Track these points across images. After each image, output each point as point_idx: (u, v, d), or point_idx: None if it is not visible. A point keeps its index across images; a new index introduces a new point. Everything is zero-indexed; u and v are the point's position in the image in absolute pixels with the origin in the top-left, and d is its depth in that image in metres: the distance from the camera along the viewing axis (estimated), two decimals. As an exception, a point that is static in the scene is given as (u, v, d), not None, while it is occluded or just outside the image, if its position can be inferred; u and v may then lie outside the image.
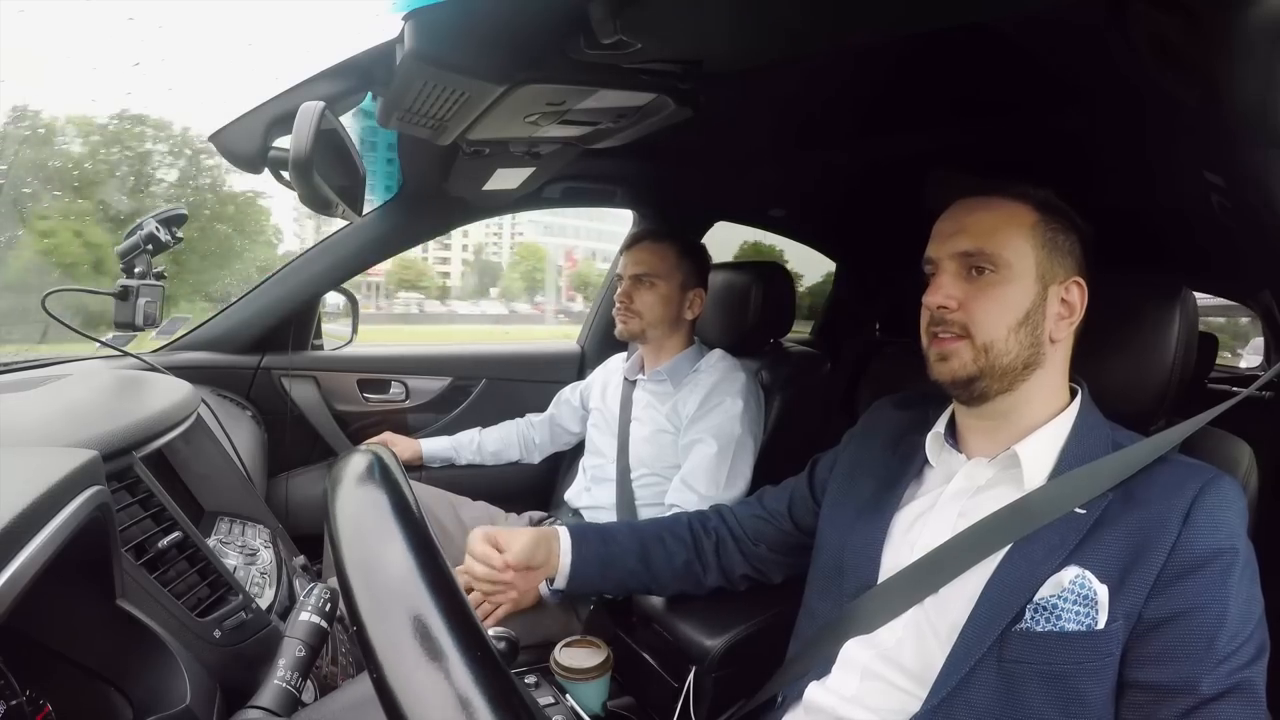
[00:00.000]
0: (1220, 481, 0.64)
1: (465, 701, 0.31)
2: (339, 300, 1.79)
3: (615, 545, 0.94)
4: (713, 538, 0.98)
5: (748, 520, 0.98)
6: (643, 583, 0.97)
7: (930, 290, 0.74)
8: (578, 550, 0.91)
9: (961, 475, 0.75)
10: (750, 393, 1.35)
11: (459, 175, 1.28)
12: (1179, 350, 0.75)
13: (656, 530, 0.98)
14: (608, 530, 0.97)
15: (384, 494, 0.43)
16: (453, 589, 0.37)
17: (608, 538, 0.95)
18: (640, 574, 0.95)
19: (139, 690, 0.61)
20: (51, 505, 0.49)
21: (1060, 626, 0.62)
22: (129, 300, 1.11)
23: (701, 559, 0.97)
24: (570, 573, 0.91)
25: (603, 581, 0.95)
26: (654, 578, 0.96)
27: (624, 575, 0.95)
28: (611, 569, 0.94)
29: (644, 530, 0.98)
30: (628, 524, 1.00)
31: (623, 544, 0.95)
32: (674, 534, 0.98)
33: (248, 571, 0.88)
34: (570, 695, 0.77)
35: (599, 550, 0.93)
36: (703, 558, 0.97)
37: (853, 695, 0.72)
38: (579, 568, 0.91)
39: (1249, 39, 0.51)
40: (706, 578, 0.98)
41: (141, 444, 0.77)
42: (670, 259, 1.39)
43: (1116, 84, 0.89)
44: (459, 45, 0.73)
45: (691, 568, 0.97)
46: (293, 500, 1.56)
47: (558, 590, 0.93)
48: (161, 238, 1.14)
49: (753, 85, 1.00)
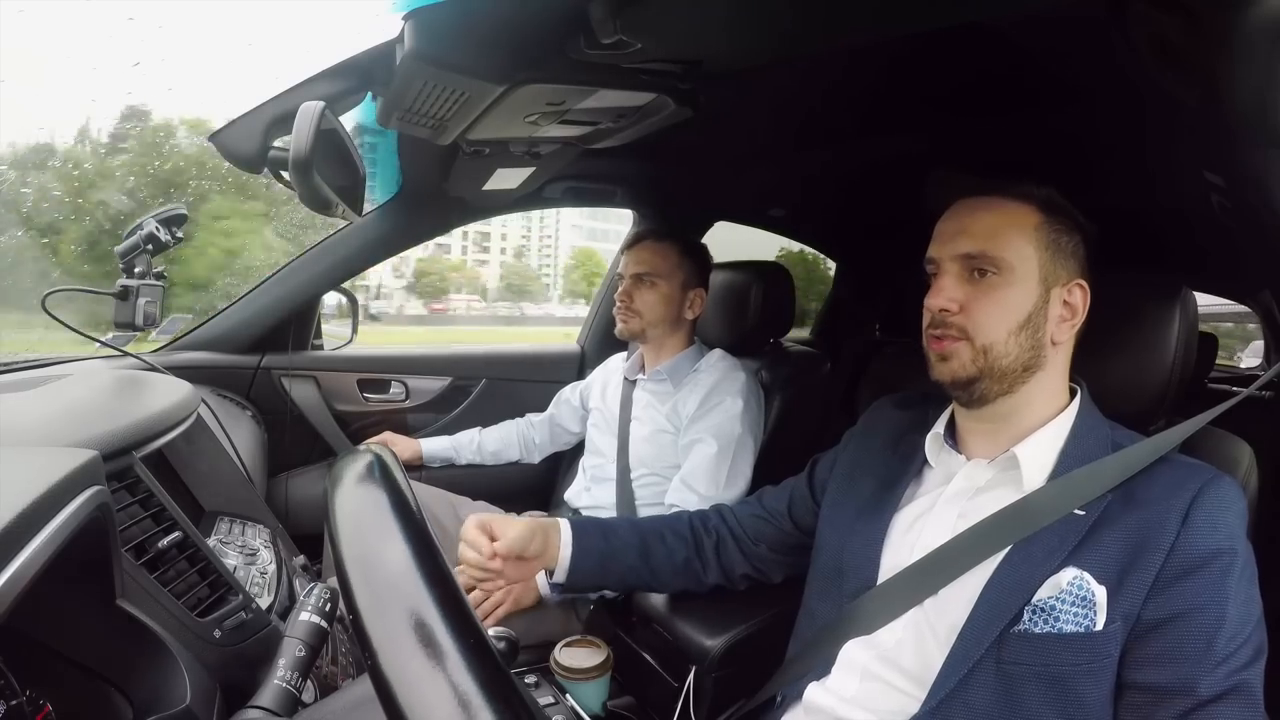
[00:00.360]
0: (1220, 482, 0.64)
1: (465, 701, 0.31)
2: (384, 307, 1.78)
3: (616, 540, 0.94)
4: (713, 536, 0.98)
5: (748, 520, 0.98)
6: (643, 579, 0.97)
7: (932, 292, 0.73)
8: (578, 543, 0.91)
9: (961, 476, 0.75)
10: (750, 392, 1.35)
11: (459, 175, 1.28)
12: (1179, 350, 0.75)
13: (657, 527, 0.98)
14: (608, 525, 0.96)
15: (384, 494, 0.42)
16: (453, 589, 0.37)
17: (608, 532, 0.94)
18: (640, 570, 0.95)
19: (139, 690, 0.61)
20: (51, 505, 0.49)
21: (1058, 628, 0.62)
22: (129, 300, 1.11)
23: (701, 557, 0.97)
24: (570, 565, 0.90)
25: (603, 576, 0.94)
26: (654, 574, 0.96)
27: (624, 570, 0.94)
28: (612, 563, 0.93)
29: (645, 526, 0.98)
30: (628, 520, 1.00)
31: (624, 539, 0.94)
32: (675, 531, 0.98)
33: (248, 571, 0.88)
34: (570, 695, 0.77)
35: (599, 544, 0.92)
36: (703, 556, 0.97)
37: (853, 696, 0.72)
38: (579, 560, 0.90)
39: (1249, 39, 0.51)
40: (706, 576, 0.97)
41: (141, 444, 0.77)
42: (672, 259, 1.39)
43: (1116, 83, 0.89)
44: (459, 45, 0.73)
45: (691, 565, 0.96)
46: (293, 500, 1.56)
47: (557, 584, 0.93)
48: (161, 238, 1.14)
49: (753, 85, 1.00)
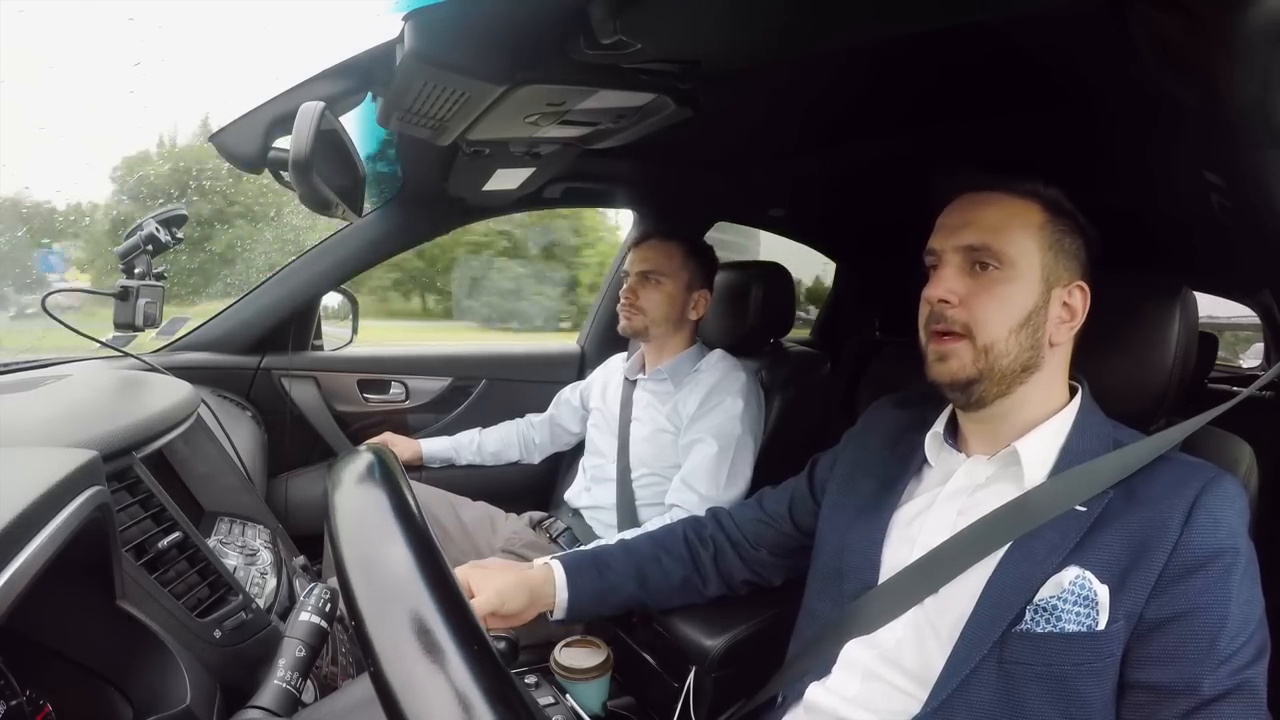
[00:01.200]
0: (1222, 480, 0.64)
1: (465, 701, 0.31)
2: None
3: (611, 574, 0.92)
4: (710, 547, 0.97)
5: (748, 524, 0.98)
6: (642, 603, 0.96)
7: (931, 283, 0.72)
8: (574, 584, 0.89)
9: (961, 473, 0.74)
10: (750, 392, 1.35)
11: (459, 175, 1.28)
12: (1179, 350, 0.75)
13: (652, 550, 0.96)
14: (603, 557, 0.94)
15: (384, 494, 0.43)
16: (452, 589, 0.37)
17: (603, 566, 0.92)
18: (639, 596, 0.94)
19: (139, 690, 0.62)
20: (52, 505, 0.49)
21: (1060, 628, 0.62)
22: (129, 301, 1.11)
23: (700, 571, 0.96)
24: (568, 606, 0.89)
25: (601, 608, 0.93)
26: (652, 596, 0.95)
27: (623, 600, 0.94)
28: (610, 595, 0.92)
29: (640, 552, 0.96)
30: (622, 547, 0.97)
31: (619, 570, 0.93)
32: (669, 551, 0.97)
33: (248, 571, 0.88)
34: (570, 695, 0.77)
35: (595, 582, 0.91)
36: (701, 570, 0.96)
37: (854, 696, 0.72)
38: (577, 598, 0.89)
39: (1249, 39, 0.51)
40: (707, 588, 0.97)
41: (142, 444, 0.77)
42: (677, 258, 1.39)
43: (1116, 84, 0.89)
44: (459, 45, 0.73)
45: (690, 582, 0.96)
46: (293, 500, 1.56)
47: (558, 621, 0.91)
48: (161, 238, 1.15)
49: (752, 85, 1.01)
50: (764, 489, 1.03)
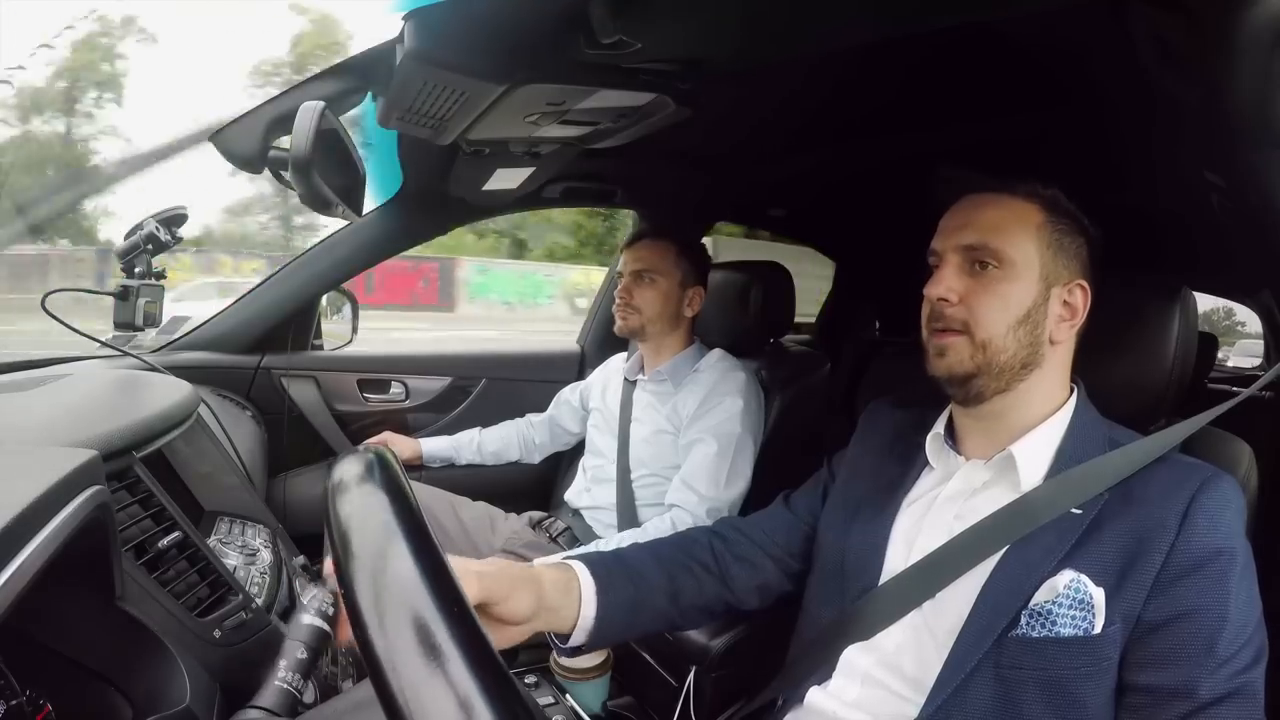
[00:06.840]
0: (1219, 480, 0.63)
1: (465, 701, 0.31)
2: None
3: (644, 584, 0.76)
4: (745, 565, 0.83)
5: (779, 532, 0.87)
6: (669, 622, 0.80)
7: (932, 282, 0.73)
8: (604, 597, 0.70)
9: (959, 477, 0.74)
10: (750, 392, 1.35)
11: (459, 175, 1.28)
12: (1179, 350, 0.75)
13: (681, 560, 0.80)
14: (631, 563, 0.77)
15: (384, 493, 0.42)
16: (453, 589, 0.37)
17: (635, 576, 0.75)
18: (669, 613, 0.78)
19: (139, 690, 0.61)
20: (51, 505, 0.49)
21: (1056, 632, 0.62)
22: (129, 300, 1.11)
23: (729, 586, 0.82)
24: (595, 627, 0.70)
25: (630, 631, 0.76)
26: (684, 615, 0.80)
27: (652, 617, 0.77)
28: (641, 614, 0.75)
29: (668, 557, 0.80)
30: (651, 553, 0.81)
31: (651, 581, 0.76)
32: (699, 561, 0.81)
33: (248, 571, 0.88)
34: (570, 695, 0.77)
35: (629, 595, 0.73)
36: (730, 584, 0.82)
37: (854, 700, 0.72)
38: (605, 618, 0.70)
39: (1249, 39, 0.51)
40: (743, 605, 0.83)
41: (141, 444, 0.77)
42: (670, 256, 1.40)
43: (1116, 84, 0.89)
44: (459, 45, 0.73)
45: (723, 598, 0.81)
46: (292, 500, 1.56)
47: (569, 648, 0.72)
48: (161, 238, 1.15)
49: (752, 85, 1.01)
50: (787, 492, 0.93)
